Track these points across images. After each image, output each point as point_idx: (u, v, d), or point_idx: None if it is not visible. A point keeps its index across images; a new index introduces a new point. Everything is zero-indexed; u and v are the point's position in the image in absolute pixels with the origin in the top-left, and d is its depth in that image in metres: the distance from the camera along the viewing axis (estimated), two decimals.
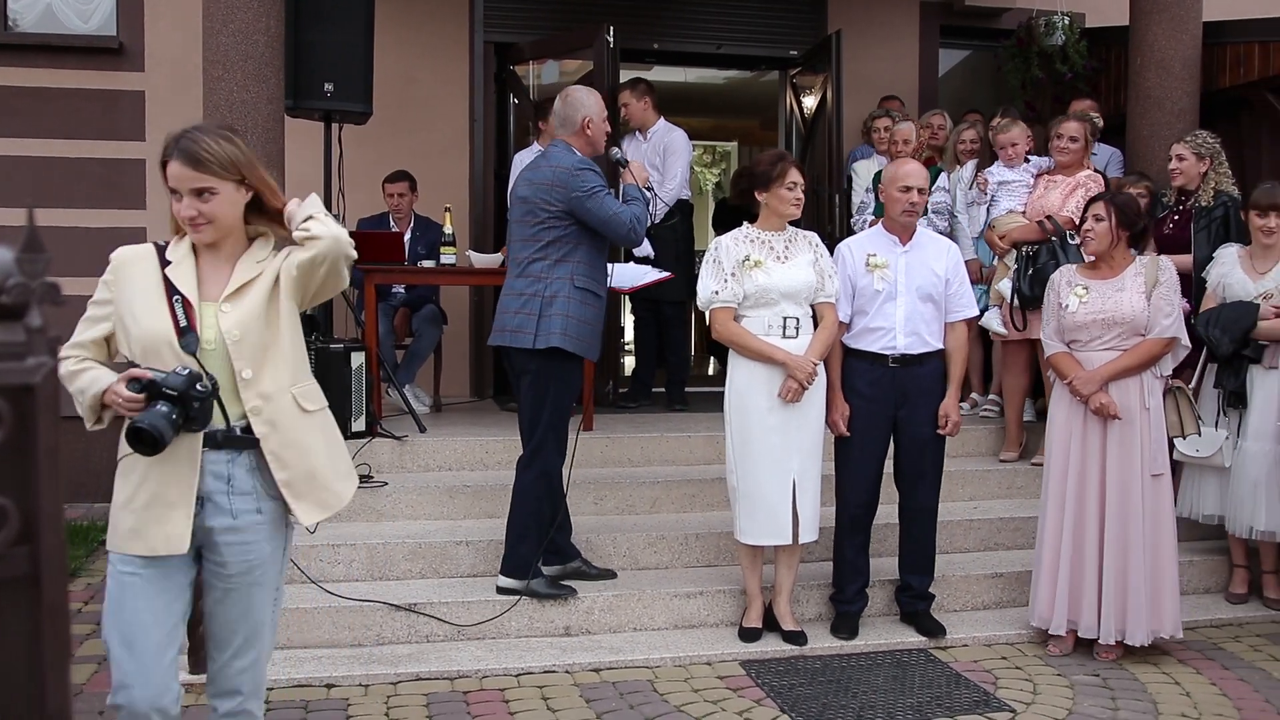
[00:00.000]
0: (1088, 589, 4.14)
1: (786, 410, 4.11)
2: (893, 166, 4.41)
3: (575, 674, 4.01)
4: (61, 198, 6.54)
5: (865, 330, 4.27)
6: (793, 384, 4.08)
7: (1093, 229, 4.21)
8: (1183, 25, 5.88)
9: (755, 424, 4.12)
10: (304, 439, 2.52)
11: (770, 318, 4.13)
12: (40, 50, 6.55)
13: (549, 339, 4.09)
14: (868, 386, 4.25)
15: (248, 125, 4.69)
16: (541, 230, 4.15)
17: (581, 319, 4.15)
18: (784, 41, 7.67)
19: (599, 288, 4.25)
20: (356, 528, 4.74)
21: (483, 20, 7.21)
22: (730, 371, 4.22)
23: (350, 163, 5.94)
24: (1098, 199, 4.30)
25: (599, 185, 4.11)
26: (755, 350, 4.11)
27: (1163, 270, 4.24)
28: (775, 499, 4.13)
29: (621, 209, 4.13)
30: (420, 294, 6.46)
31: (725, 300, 4.13)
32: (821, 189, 7.04)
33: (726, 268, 4.14)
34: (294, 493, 2.50)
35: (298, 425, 2.50)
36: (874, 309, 4.24)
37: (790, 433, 4.13)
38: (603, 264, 4.30)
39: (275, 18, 4.79)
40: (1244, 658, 4.28)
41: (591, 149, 4.29)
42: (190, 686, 3.81)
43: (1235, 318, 4.61)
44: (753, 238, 4.19)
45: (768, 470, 4.12)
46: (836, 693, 3.86)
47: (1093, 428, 4.16)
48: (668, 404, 6.55)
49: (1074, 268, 4.37)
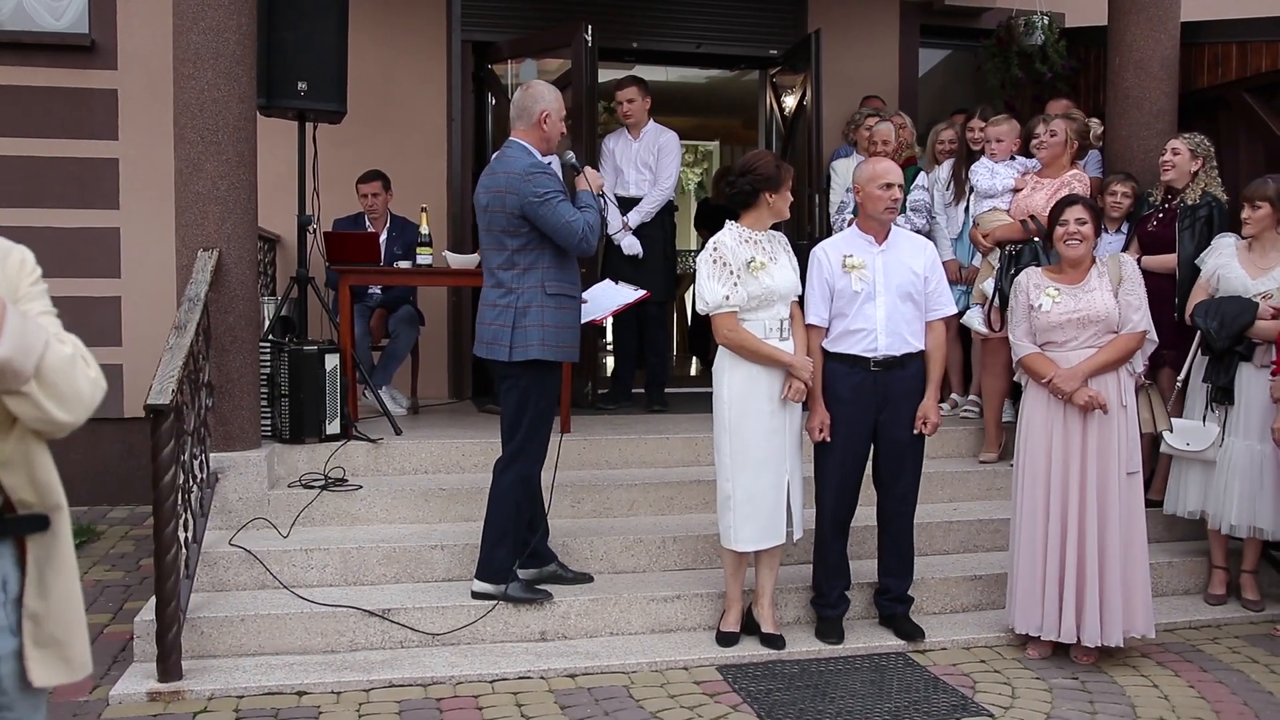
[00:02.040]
0: (1069, 591, 4.12)
1: (783, 414, 4.11)
2: (868, 165, 4.35)
3: (550, 680, 3.96)
4: (33, 197, 6.45)
5: (845, 333, 4.22)
6: (798, 384, 4.07)
7: (1079, 233, 4.18)
8: (1161, 25, 5.87)
9: (759, 428, 4.08)
10: None
11: (769, 320, 4.09)
12: (11, 48, 6.45)
13: (527, 351, 4.06)
14: (849, 391, 4.20)
15: (219, 124, 4.62)
16: (505, 237, 4.10)
17: (559, 325, 4.11)
18: (764, 41, 7.63)
19: (572, 289, 4.20)
20: (330, 532, 4.68)
21: (460, 19, 7.15)
22: (726, 377, 4.12)
23: (327, 162, 5.88)
24: (1076, 201, 4.28)
25: (551, 190, 4.03)
26: (764, 355, 4.06)
27: (1124, 266, 4.26)
28: (773, 501, 4.11)
29: (574, 217, 4.04)
30: (397, 295, 6.40)
31: (735, 304, 4.05)
32: (802, 189, 7.01)
33: (734, 270, 4.05)
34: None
35: None
36: (853, 310, 4.19)
37: (783, 436, 4.12)
38: (574, 264, 4.24)
39: (247, 15, 4.72)
40: (1222, 660, 4.27)
41: (546, 145, 4.20)
42: (157, 695, 3.77)
43: (1235, 313, 4.61)
44: (747, 238, 4.14)
45: (768, 474, 4.10)
46: (814, 698, 3.82)
47: (1073, 427, 4.14)
48: (647, 405, 6.51)
49: (1039, 270, 4.36)
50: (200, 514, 4.33)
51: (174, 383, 3.84)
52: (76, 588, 1.95)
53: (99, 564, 5.39)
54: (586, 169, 4.32)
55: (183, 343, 4.09)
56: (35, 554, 1.87)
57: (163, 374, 3.90)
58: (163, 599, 3.80)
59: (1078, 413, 4.14)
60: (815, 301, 4.23)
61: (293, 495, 4.75)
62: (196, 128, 4.62)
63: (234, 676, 3.87)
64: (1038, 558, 4.17)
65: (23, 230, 6.34)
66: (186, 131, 4.63)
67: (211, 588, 4.33)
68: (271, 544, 4.47)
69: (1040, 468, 4.19)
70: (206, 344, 4.56)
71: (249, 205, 4.78)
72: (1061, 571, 4.13)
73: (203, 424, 4.42)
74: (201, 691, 3.77)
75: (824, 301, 4.23)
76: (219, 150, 4.63)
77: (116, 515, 6.37)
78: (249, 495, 4.67)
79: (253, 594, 4.31)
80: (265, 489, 4.72)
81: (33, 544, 1.87)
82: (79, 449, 6.39)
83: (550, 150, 4.22)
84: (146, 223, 6.44)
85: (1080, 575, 4.10)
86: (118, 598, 4.86)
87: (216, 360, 4.66)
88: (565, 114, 4.23)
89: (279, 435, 5.15)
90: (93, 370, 1.89)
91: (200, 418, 4.37)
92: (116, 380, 6.51)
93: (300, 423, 5.12)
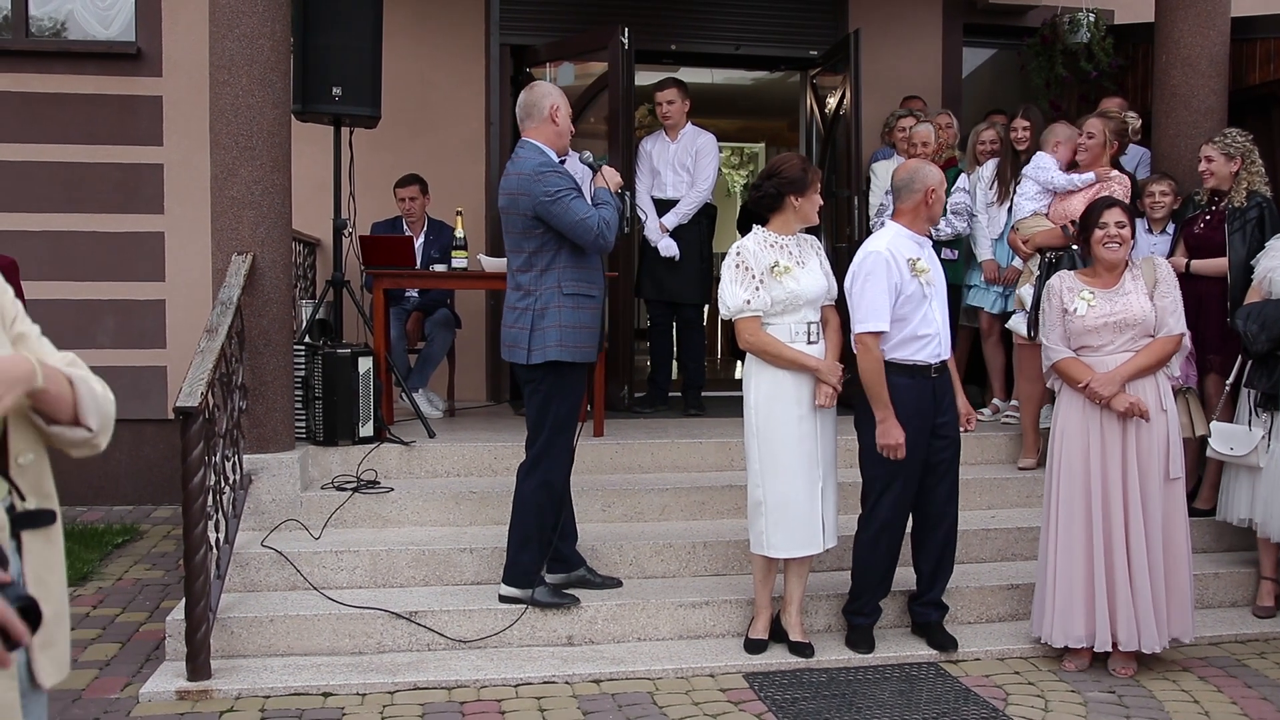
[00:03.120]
0: (1104, 599, 4.02)
1: (812, 420, 4.04)
2: (934, 169, 4.22)
3: (575, 685, 3.95)
4: (80, 203, 6.59)
5: (911, 338, 4.04)
6: (828, 389, 4.00)
7: (1119, 236, 4.08)
8: (1210, 21, 5.71)
9: (788, 434, 4.02)
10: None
11: (795, 324, 4.03)
12: (60, 57, 6.60)
13: (545, 353, 4.05)
14: (913, 403, 4.05)
15: (253, 129, 4.67)
16: (522, 240, 4.09)
17: (577, 325, 4.09)
18: (804, 41, 7.56)
19: (591, 288, 4.16)
20: (361, 534, 4.71)
21: (499, 23, 7.17)
22: (753, 381, 4.08)
23: (366, 166, 5.94)
24: (1115, 204, 4.17)
25: (563, 188, 4.00)
26: (788, 359, 4.00)
27: (1159, 268, 4.17)
28: (807, 508, 4.04)
29: (589, 213, 4.01)
30: (434, 298, 6.43)
31: (757, 309, 4.00)
32: (841, 191, 6.93)
33: (756, 275, 4.00)
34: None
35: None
36: (918, 316, 4.04)
37: (813, 442, 4.05)
38: (593, 262, 4.18)
39: (281, 22, 4.77)
40: (1269, 675, 4.13)
41: (559, 140, 4.17)
42: (185, 694, 3.81)
43: (1277, 315, 4.47)
44: (773, 243, 4.09)
45: (800, 480, 4.03)
46: (840, 708, 3.76)
47: (1111, 432, 4.04)
48: (684, 409, 6.48)
49: (1072, 274, 4.24)
50: (233, 515, 4.38)
51: (203, 385, 3.89)
52: (66, 590, 1.98)
53: (140, 563, 5.48)
54: (604, 167, 4.28)
55: (214, 346, 4.14)
56: (35, 557, 1.89)
57: (193, 377, 3.95)
58: (192, 599, 3.84)
59: (1115, 418, 4.03)
60: (880, 306, 3.97)
61: (325, 497, 4.79)
62: (231, 133, 4.67)
63: (261, 676, 3.91)
64: (1076, 566, 4.07)
65: (69, 235, 6.54)
66: (221, 137, 4.69)
67: (243, 588, 4.38)
68: (303, 545, 4.50)
69: (1078, 475, 4.08)
70: (240, 347, 4.61)
71: (283, 209, 4.83)
72: (1100, 580, 4.02)
73: (236, 426, 4.46)
74: (229, 691, 3.81)
75: (890, 307, 4.00)
76: (253, 155, 4.68)
77: (160, 515, 6.48)
78: (282, 497, 4.71)
79: (283, 595, 4.35)
80: (298, 491, 4.76)
81: (32, 547, 1.89)
82: (123, 449, 6.51)
83: (565, 147, 4.20)
84: (190, 227, 6.54)
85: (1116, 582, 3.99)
86: (155, 597, 4.93)
87: (250, 363, 4.71)
88: (570, 110, 4.18)
89: (313, 438, 5.20)
90: (99, 384, 1.94)
91: (233, 420, 4.42)
92: (160, 382, 6.62)
93: (334, 425, 5.16)
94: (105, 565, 5.42)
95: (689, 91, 6.55)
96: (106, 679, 4.00)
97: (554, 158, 4.13)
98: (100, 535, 5.88)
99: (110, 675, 4.04)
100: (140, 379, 6.55)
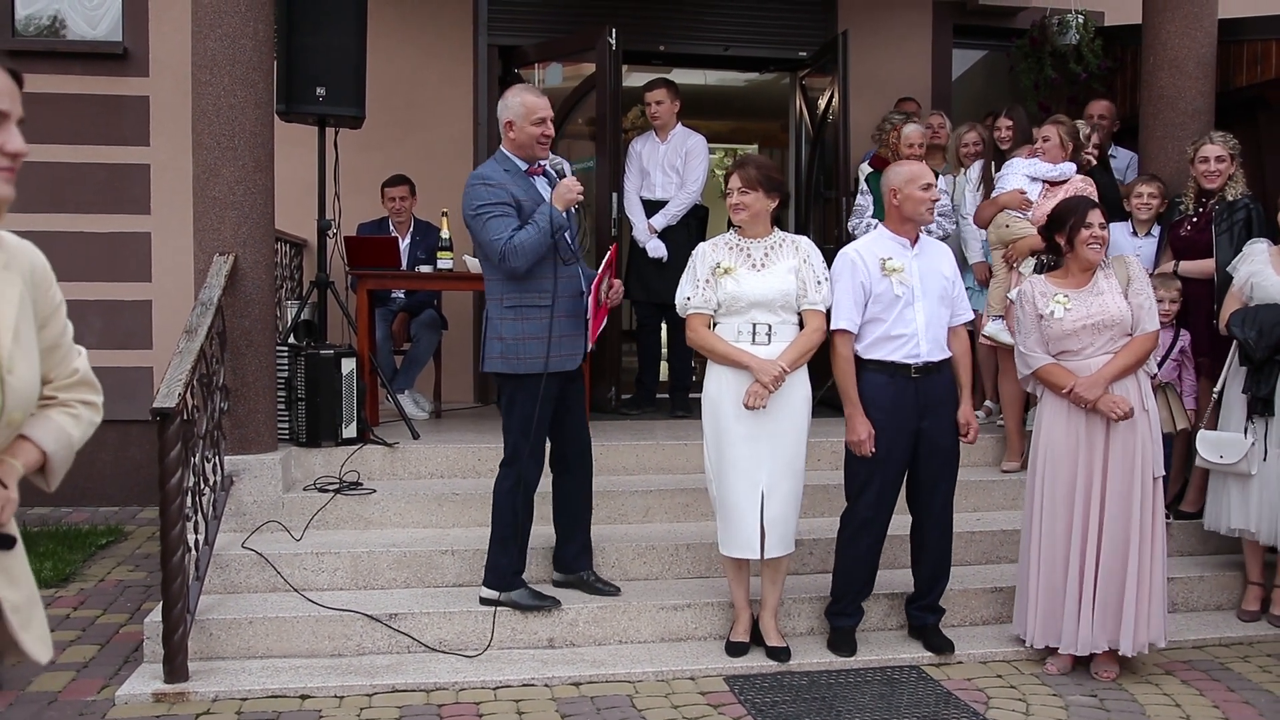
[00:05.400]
0: (1087, 602, 4.00)
1: (756, 420, 3.97)
2: (904, 166, 4.24)
3: (554, 688, 3.93)
4: (66, 203, 6.57)
5: (884, 339, 4.08)
6: (756, 388, 3.94)
7: (1101, 237, 4.07)
8: (1197, 23, 5.70)
9: (731, 432, 4.02)
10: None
11: (741, 324, 4.04)
12: (47, 57, 6.58)
13: (492, 363, 4.15)
14: (890, 400, 4.07)
15: (235, 130, 4.66)
16: (478, 248, 4.16)
17: (519, 337, 4.08)
18: (793, 43, 7.55)
19: (540, 297, 4.08)
20: (342, 535, 4.69)
21: (487, 23, 7.16)
22: (707, 379, 4.14)
23: (354, 166, 5.92)
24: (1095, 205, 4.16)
25: (486, 203, 3.99)
26: (722, 355, 4.03)
27: (1131, 266, 4.16)
28: (745, 510, 4.02)
29: (499, 235, 3.95)
30: (420, 299, 6.41)
31: (698, 306, 4.08)
32: (829, 192, 6.92)
33: (700, 275, 4.09)
34: None
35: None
36: (893, 315, 4.06)
37: (760, 443, 3.99)
38: (541, 270, 4.05)
39: (264, 22, 4.76)
40: (1251, 679, 4.12)
41: (521, 150, 4.15)
42: (162, 696, 3.79)
43: (1274, 321, 4.47)
44: (731, 245, 4.12)
45: (738, 480, 4.02)
46: (820, 711, 3.75)
47: (1095, 435, 4.02)
48: (670, 411, 6.46)
49: (1042, 278, 4.21)
50: (213, 516, 4.36)
51: (181, 386, 3.87)
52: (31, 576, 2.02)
53: (123, 564, 5.46)
54: (563, 180, 4.14)
55: (192, 347, 4.12)
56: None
57: (170, 378, 3.93)
58: (169, 600, 3.82)
59: (1099, 420, 4.01)
60: (846, 305, 4.07)
61: (307, 499, 4.77)
62: (213, 133, 4.66)
63: (239, 678, 3.89)
64: (1058, 569, 4.05)
65: (55, 235, 6.51)
66: (203, 137, 4.67)
67: (223, 590, 4.36)
68: (284, 547, 4.48)
69: (1063, 479, 4.06)
70: (222, 347, 4.59)
71: (266, 210, 4.81)
72: (1082, 582, 4.01)
73: (217, 427, 4.45)
74: (206, 693, 3.79)
75: (856, 306, 4.08)
76: (235, 156, 4.67)
77: (146, 516, 6.45)
78: (263, 498, 4.69)
79: (263, 596, 4.33)
80: (280, 492, 4.74)
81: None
82: (109, 450, 6.49)
83: (531, 155, 4.18)
84: (177, 228, 6.51)
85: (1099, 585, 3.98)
86: (137, 598, 4.91)
87: (232, 364, 4.69)
88: (539, 117, 4.11)
89: (296, 439, 5.18)
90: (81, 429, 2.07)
91: (214, 421, 4.40)
92: (146, 383, 6.60)
93: (316, 426, 5.14)
94: (88, 567, 5.40)
95: (679, 92, 6.53)
96: (84, 681, 3.98)
97: (518, 165, 4.14)
98: (84, 536, 5.86)
99: (87, 677, 4.02)
100: (126, 379, 6.52)
